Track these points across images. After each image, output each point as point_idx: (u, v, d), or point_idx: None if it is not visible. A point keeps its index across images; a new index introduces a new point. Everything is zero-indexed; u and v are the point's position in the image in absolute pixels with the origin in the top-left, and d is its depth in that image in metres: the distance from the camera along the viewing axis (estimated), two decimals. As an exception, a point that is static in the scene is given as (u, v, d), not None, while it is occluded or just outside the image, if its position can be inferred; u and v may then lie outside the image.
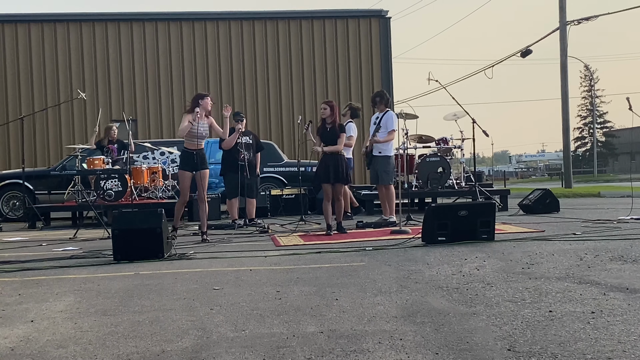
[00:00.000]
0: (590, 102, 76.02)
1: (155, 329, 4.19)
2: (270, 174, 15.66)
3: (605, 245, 7.34)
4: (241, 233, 10.48)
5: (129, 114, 16.86)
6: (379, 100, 11.18)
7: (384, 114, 11.04)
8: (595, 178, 54.01)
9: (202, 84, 19.79)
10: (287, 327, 4.09)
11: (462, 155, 14.74)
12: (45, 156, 19.17)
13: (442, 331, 3.88)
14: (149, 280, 6.03)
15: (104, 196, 13.24)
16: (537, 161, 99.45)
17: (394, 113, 11.41)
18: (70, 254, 8.16)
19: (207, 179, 9.77)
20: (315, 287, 5.42)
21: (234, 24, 20.13)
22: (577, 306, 4.38)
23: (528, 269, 5.94)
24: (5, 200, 15.13)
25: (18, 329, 4.31)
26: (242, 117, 11.79)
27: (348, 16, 20.59)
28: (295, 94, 20.11)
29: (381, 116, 11.04)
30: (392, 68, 20.60)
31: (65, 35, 19.56)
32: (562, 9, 24.92)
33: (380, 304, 4.70)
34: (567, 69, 25.24)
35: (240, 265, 6.87)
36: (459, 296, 4.86)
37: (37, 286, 5.94)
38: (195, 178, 9.56)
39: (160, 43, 19.82)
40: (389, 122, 10.92)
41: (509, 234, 8.78)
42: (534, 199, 12.91)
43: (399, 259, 6.84)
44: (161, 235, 7.42)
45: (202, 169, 9.58)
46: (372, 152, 11.00)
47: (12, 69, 19.38)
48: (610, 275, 5.47)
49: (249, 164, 11.48)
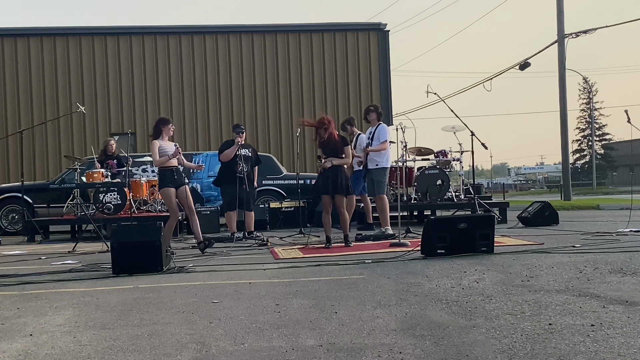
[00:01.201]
0: (589, 114, 76.09)
1: (154, 342, 4.18)
2: (269, 186, 15.67)
3: (604, 257, 7.33)
4: (240, 246, 10.46)
5: (127, 128, 16.90)
6: (371, 113, 11.32)
7: (376, 127, 11.12)
8: (594, 190, 53.99)
9: (201, 97, 19.85)
10: (286, 341, 4.08)
11: (461, 168, 14.76)
12: (45, 169, 19.19)
13: (441, 344, 3.87)
14: (148, 294, 6.02)
15: (103, 209, 13.24)
16: (536, 173, 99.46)
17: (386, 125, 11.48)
18: (69, 268, 8.15)
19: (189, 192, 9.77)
20: (314, 300, 5.40)
21: (233, 37, 20.20)
22: (576, 319, 4.37)
23: (527, 281, 5.93)
24: (5, 213, 15.12)
25: (17, 343, 4.29)
26: (242, 129, 11.79)
27: (347, 29, 20.67)
28: (294, 106, 20.16)
29: (374, 130, 11.13)
30: (391, 80, 20.69)
31: (65, 49, 19.63)
32: (560, 22, 25.02)
33: (379, 317, 4.69)
34: (566, 82, 25.32)
35: (239, 278, 6.86)
36: (458, 309, 4.85)
37: (36, 300, 5.93)
38: (178, 195, 9.57)
39: (160, 56, 19.89)
40: (381, 133, 11.07)
41: (508, 247, 8.77)
42: (533, 212, 12.91)
43: (398, 272, 6.82)
44: (160, 249, 7.41)
45: (182, 185, 9.62)
46: (367, 164, 11.07)
47: (11, 82, 19.43)
48: (609, 287, 5.46)
49: (247, 176, 11.49)
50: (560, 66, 25.19)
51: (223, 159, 11.64)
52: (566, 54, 25.10)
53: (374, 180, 10.99)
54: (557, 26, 25.15)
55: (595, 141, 74.52)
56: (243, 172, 11.37)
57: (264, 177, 15.27)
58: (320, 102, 20.21)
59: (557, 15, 25.07)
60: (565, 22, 25.04)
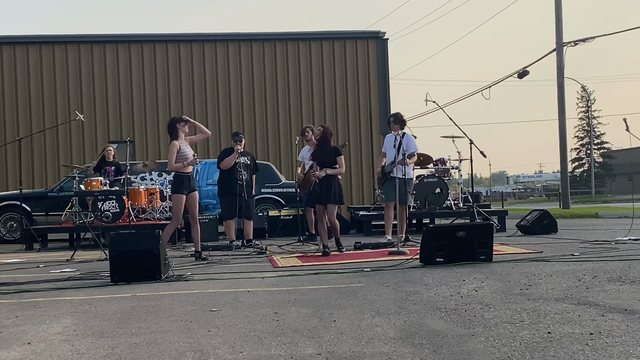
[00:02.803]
0: (587, 123, 76.17)
1: (152, 351, 4.17)
2: (268, 194, 15.67)
3: (603, 266, 7.33)
4: (239, 254, 10.45)
5: (126, 135, 16.90)
6: (392, 121, 11.25)
7: (402, 137, 11.02)
8: (592, 199, 54.03)
9: (200, 105, 19.86)
10: (284, 349, 4.07)
11: (459, 176, 14.78)
12: (43, 177, 19.17)
13: (440, 353, 3.87)
14: (147, 302, 6.01)
15: (101, 217, 13.22)
16: (534, 182, 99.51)
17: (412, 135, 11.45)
18: (67, 276, 8.14)
19: (197, 200, 9.88)
20: (313, 308, 5.40)
21: (232, 45, 20.22)
22: (575, 327, 4.36)
23: (526, 290, 5.93)
24: (3, 221, 15.11)
25: (15, 351, 4.28)
26: (240, 137, 11.79)
27: (345, 37, 20.69)
28: (293, 114, 20.16)
29: (400, 138, 11.02)
30: (390, 89, 20.67)
31: (64, 56, 19.64)
32: (559, 30, 25.08)
33: (378, 325, 4.68)
34: (564, 90, 25.36)
35: (238, 286, 6.85)
36: (457, 317, 4.85)
37: (34, 308, 5.92)
38: (188, 200, 9.65)
39: (159, 65, 19.90)
40: (411, 145, 11.05)
41: (507, 255, 8.77)
42: (532, 220, 12.91)
43: (397, 280, 6.82)
44: (159, 257, 7.40)
45: (194, 191, 9.75)
46: (390, 172, 10.97)
47: (10, 90, 19.43)
48: (608, 296, 5.46)
49: (246, 184, 11.49)
50: (558, 74, 25.24)
51: (223, 167, 11.63)
52: (564, 62, 25.17)
53: (401, 190, 10.71)
54: (555, 34, 25.21)
55: (594, 150, 74.57)
56: (243, 180, 11.37)
57: (263, 185, 15.27)
58: (319, 110, 20.22)
59: (556, 24, 25.14)
60: (563, 30, 25.11)
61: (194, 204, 9.68)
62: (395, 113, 11.66)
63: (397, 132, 11.06)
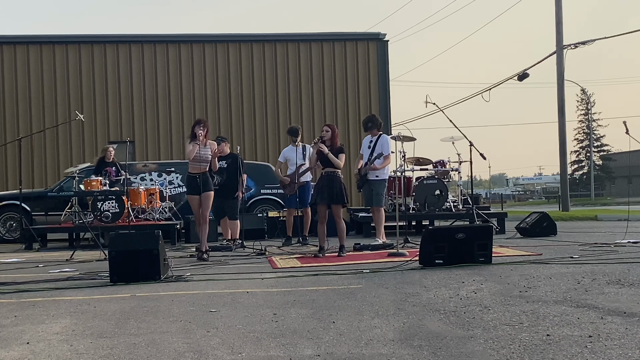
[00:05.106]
0: (587, 125, 76.19)
1: (151, 351, 4.17)
2: (268, 195, 15.66)
3: (602, 268, 7.33)
4: (238, 255, 10.46)
5: (126, 136, 16.90)
6: (371, 126, 11.17)
7: (377, 138, 11.03)
8: (592, 201, 53.98)
9: (200, 106, 19.85)
10: (284, 350, 4.08)
11: (459, 178, 14.77)
12: (43, 177, 19.16)
13: (439, 355, 3.87)
14: (146, 303, 6.01)
15: (101, 217, 13.22)
16: (534, 184, 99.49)
17: (388, 136, 11.43)
18: (66, 276, 8.13)
19: (210, 201, 10.03)
20: (312, 309, 5.40)
21: (232, 46, 20.22)
22: (574, 330, 4.37)
23: (525, 292, 5.93)
24: (2, 221, 15.11)
25: (14, 351, 4.28)
26: (221, 139, 11.86)
27: (346, 39, 20.69)
28: (293, 115, 20.16)
29: (375, 140, 11.03)
30: (390, 90, 20.67)
31: (64, 56, 19.63)
32: (559, 32, 25.08)
33: (377, 327, 4.68)
34: (564, 93, 25.36)
35: (237, 287, 6.85)
36: (456, 319, 4.85)
37: (33, 308, 5.92)
38: (203, 199, 9.87)
39: (159, 65, 19.90)
40: (385, 147, 10.93)
41: (506, 257, 8.77)
42: (531, 222, 12.91)
43: (396, 282, 6.82)
44: (158, 257, 7.40)
45: (206, 191, 9.89)
46: (366, 175, 10.99)
47: (10, 90, 19.42)
48: (607, 299, 5.46)
49: (224, 187, 11.48)
50: (558, 77, 25.24)
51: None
52: (565, 65, 25.17)
53: (373, 192, 10.95)
54: (555, 37, 25.21)
55: (593, 152, 74.58)
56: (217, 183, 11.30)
57: (262, 186, 15.27)
58: (320, 111, 20.21)
59: (556, 26, 25.14)
60: (564, 33, 25.11)
61: (206, 204, 9.92)
62: (371, 116, 11.75)
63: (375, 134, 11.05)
